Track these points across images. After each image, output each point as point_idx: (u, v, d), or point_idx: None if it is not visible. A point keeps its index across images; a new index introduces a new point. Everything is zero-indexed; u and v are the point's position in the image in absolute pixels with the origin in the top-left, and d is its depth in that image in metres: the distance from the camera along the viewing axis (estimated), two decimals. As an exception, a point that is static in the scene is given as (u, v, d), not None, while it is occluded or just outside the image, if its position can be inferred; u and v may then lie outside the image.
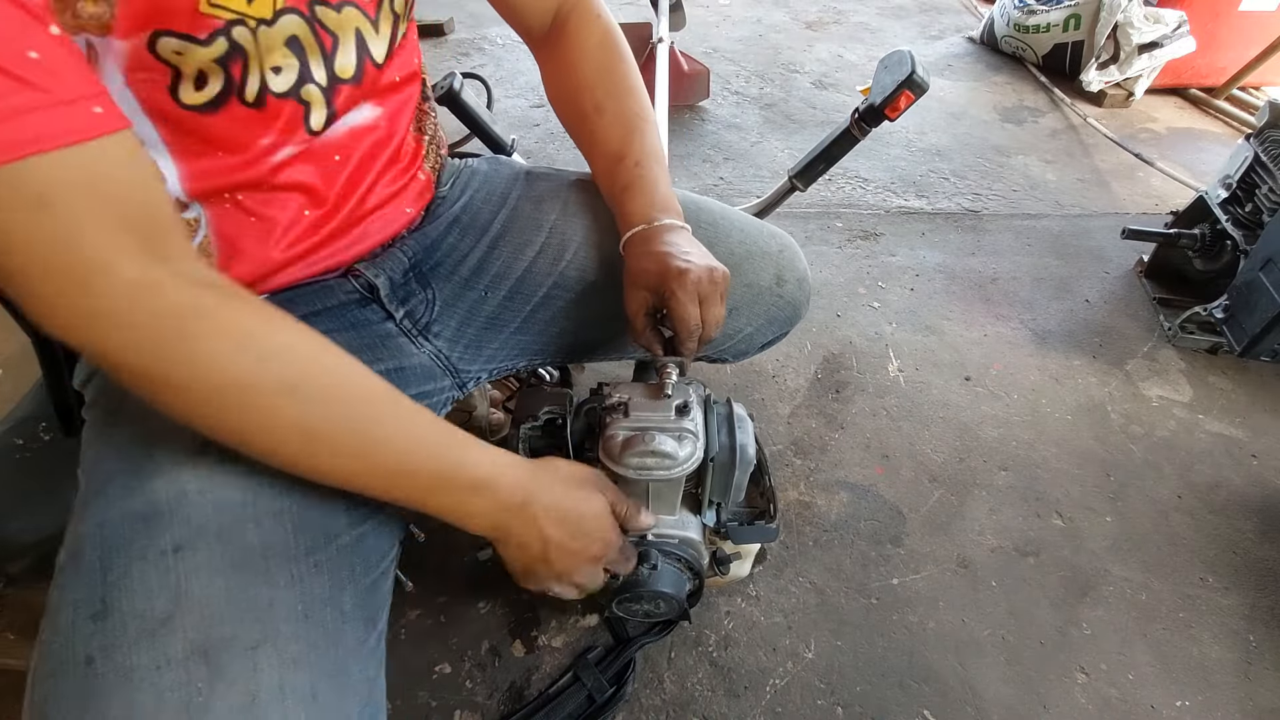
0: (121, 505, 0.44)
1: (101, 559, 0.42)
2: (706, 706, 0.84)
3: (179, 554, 0.42)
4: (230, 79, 0.45)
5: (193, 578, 0.42)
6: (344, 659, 0.45)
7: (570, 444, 0.65)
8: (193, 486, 0.45)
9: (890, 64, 0.92)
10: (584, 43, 0.66)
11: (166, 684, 0.38)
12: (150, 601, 0.40)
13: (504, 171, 0.74)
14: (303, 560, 0.45)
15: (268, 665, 0.41)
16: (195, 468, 0.45)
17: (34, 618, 0.80)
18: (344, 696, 0.44)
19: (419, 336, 0.64)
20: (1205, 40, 2.14)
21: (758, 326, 0.75)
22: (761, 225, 0.76)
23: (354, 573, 0.48)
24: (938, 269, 1.55)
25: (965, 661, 0.88)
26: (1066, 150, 2.01)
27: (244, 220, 0.51)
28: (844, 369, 1.30)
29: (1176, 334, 1.36)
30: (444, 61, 2.45)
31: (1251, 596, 0.97)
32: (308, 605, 0.44)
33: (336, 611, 0.45)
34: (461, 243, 0.68)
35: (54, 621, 0.42)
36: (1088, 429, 1.20)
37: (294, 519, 0.46)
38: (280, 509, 0.46)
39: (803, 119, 2.14)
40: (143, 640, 0.39)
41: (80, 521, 0.45)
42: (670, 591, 0.68)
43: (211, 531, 0.43)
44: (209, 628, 0.40)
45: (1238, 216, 1.30)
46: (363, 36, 0.52)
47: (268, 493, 0.46)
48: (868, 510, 1.06)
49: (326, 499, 0.48)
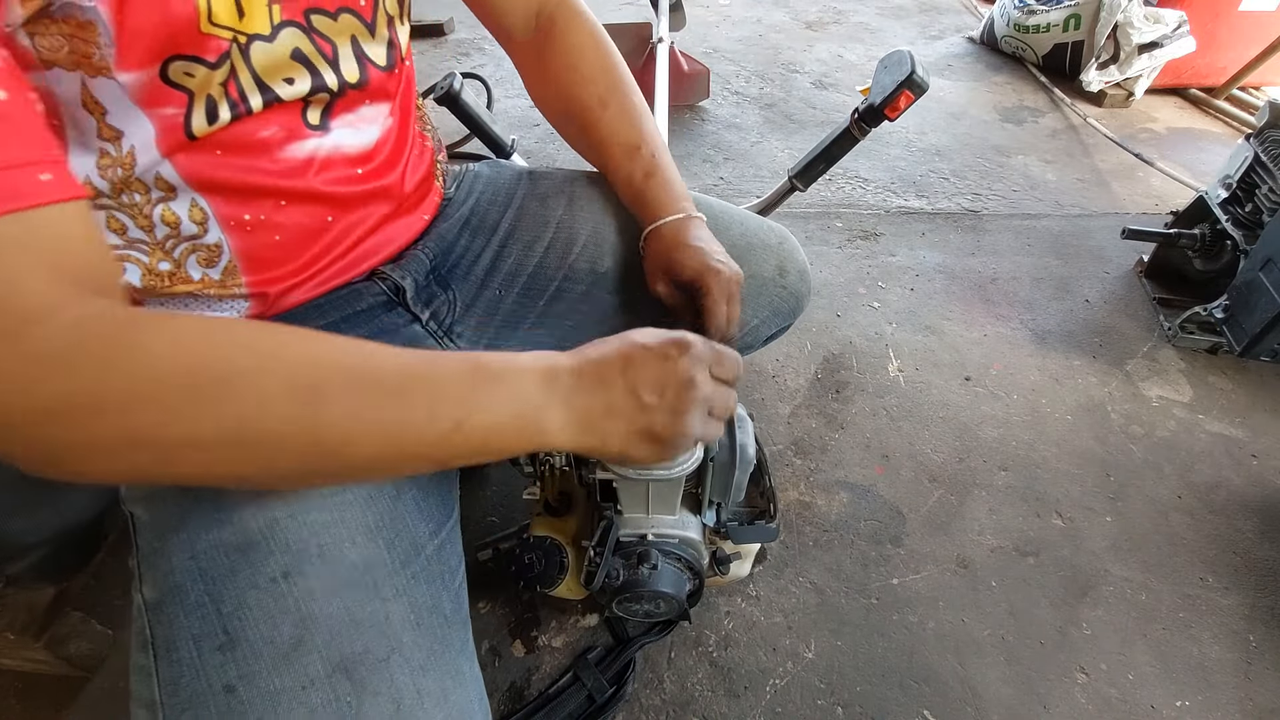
0: (210, 537, 0.44)
1: (209, 592, 0.43)
2: (706, 706, 0.84)
3: (289, 579, 0.43)
4: (234, 100, 0.45)
5: (310, 601, 0.43)
6: (456, 659, 0.47)
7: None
8: (282, 513, 0.45)
9: (890, 64, 0.92)
10: (578, 40, 0.66)
11: (316, 702, 0.40)
12: (276, 628, 0.42)
13: (506, 173, 0.75)
14: (401, 572, 0.47)
15: (401, 674, 0.43)
16: (278, 494, 0.46)
17: (34, 618, 0.81)
18: (466, 693, 0.46)
19: (444, 337, 0.64)
20: (1205, 40, 2.14)
21: (764, 318, 0.76)
22: (760, 219, 0.78)
23: (444, 579, 0.50)
24: (938, 269, 1.55)
25: (965, 661, 0.88)
26: (1066, 150, 2.01)
27: (267, 238, 0.51)
28: (844, 369, 1.30)
29: (1176, 334, 1.36)
30: (444, 61, 2.45)
31: (1251, 596, 0.97)
32: (417, 614, 0.46)
33: (440, 617, 0.48)
34: (474, 244, 0.69)
35: (172, 656, 0.42)
36: (1088, 429, 1.20)
37: (384, 534, 0.48)
38: (370, 525, 0.47)
39: (803, 119, 2.14)
40: (280, 664, 0.41)
41: (163, 557, 0.45)
42: (670, 591, 0.68)
43: (313, 554, 0.45)
44: (340, 646, 0.42)
45: (1238, 216, 1.30)
46: (359, 42, 0.51)
47: (353, 510, 0.47)
48: (868, 510, 1.06)
49: (407, 512, 0.50)
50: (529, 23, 0.68)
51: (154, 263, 0.48)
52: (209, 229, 0.48)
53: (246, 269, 0.51)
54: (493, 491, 1.06)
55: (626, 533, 0.69)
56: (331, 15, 0.48)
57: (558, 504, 0.79)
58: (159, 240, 0.47)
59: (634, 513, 0.69)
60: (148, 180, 0.45)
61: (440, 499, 0.55)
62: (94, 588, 0.92)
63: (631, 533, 0.69)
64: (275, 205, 0.50)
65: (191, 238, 0.48)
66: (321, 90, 0.49)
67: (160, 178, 0.45)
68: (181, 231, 0.47)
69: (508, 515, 1.02)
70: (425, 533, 0.51)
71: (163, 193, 0.46)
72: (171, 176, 0.45)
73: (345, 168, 0.54)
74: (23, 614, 0.80)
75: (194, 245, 0.48)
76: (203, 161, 0.46)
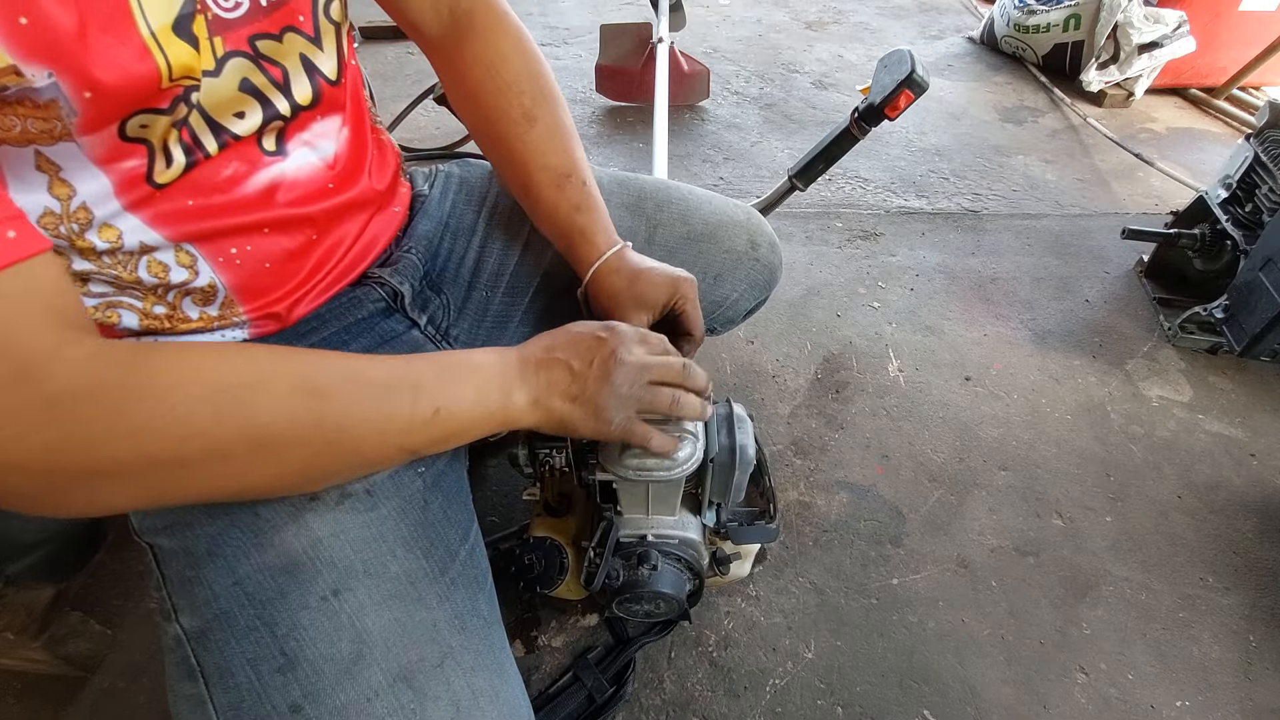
0: (251, 561, 0.45)
1: (260, 616, 0.43)
2: (706, 706, 0.84)
3: (339, 597, 0.45)
4: (187, 144, 0.43)
5: (363, 615, 0.44)
6: (499, 657, 0.50)
7: (570, 445, 0.65)
8: (323, 531, 0.46)
9: (890, 63, 0.92)
10: (499, 43, 0.60)
11: (382, 712, 0.42)
12: (334, 645, 0.43)
13: (477, 172, 0.75)
14: (441, 579, 0.49)
15: (456, 677, 0.45)
16: (316, 514, 0.47)
17: (34, 618, 0.81)
18: (512, 689, 0.49)
19: (442, 341, 0.64)
20: (1205, 40, 2.14)
21: (741, 292, 0.78)
22: (723, 198, 0.80)
23: (478, 582, 0.52)
24: (938, 269, 1.55)
25: (965, 661, 0.88)
26: (1066, 150, 2.01)
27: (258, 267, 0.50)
28: (844, 369, 1.30)
29: (1176, 334, 1.36)
30: (444, 61, 2.45)
31: (1251, 596, 0.97)
32: (460, 619, 0.48)
33: (480, 619, 0.50)
34: (455, 246, 0.69)
35: (228, 682, 0.43)
36: (1088, 429, 1.20)
37: (420, 544, 0.49)
38: (406, 537, 0.49)
39: (803, 119, 2.14)
40: (343, 680, 0.42)
41: (201, 585, 0.45)
42: (670, 592, 0.68)
43: (359, 570, 0.46)
44: (397, 656, 0.44)
45: (1238, 216, 1.30)
46: (309, 59, 0.49)
47: (389, 524, 0.49)
48: (868, 510, 1.06)
49: (436, 521, 0.51)
50: (441, 16, 0.59)
51: (148, 307, 0.47)
52: (199, 271, 0.47)
53: (243, 299, 0.51)
54: (493, 491, 1.05)
55: (626, 533, 0.69)
56: (276, 37, 0.46)
57: (557, 505, 0.79)
58: (149, 287, 0.46)
59: (634, 513, 0.69)
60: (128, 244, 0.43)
61: (462, 505, 0.56)
62: (94, 588, 0.92)
63: (631, 533, 0.69)
64: (259, 235, 0.49)
65: (183, 284, 0.47)
66: (275, 119, 0.47)
67: (143, 244, 0.43)
68: (171, 279, 0.46)
69: (508, 515, 1.02)
70: (456, 539, 0.52)
71: (144, 254, 0.44)
72: (149, 236, 0.43)
73: (314, 185, 0.52)
74: (22, 614, 0.80)
75: (185, 289, 0.47)
76: (176, 212, 0.44)
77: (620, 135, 2.00)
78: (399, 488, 0.51)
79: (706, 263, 0.75)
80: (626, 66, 2.00)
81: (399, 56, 2.46)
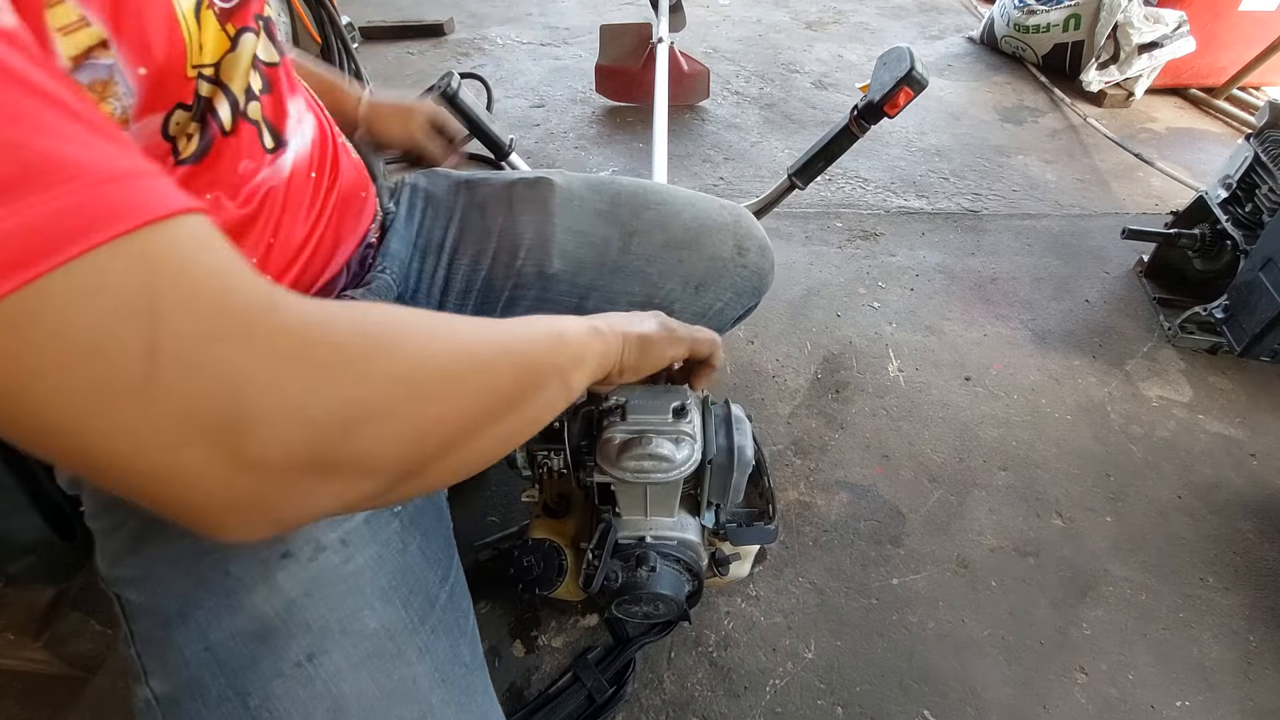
0: (223, 626, 0.43)
1: (232, 686, 0.42)
2: (706, 706, 0.84)
3: (314, 661, 0.43)
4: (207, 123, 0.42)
5: (340, 680, 0.43)
6: (483, 704, 0.49)
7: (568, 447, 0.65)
8: (296, 591, 0.44)
9: (889, 61, 0.92)
10: None
11: None
12: (309, 716, 0.41)
13: (443, 184, 0.74)
14: (421, 629, 0.47)
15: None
16: (288, 572, 0.44)
17: (34, 618, 0.81)
18: None
19: None
20: (1205, 40, 2.14)
21: (727, 301, 0.75)
22: (711, 198, 0.76)
23: (459, 625, 0.51)
24: (938, 269, 1.55)
25: (965, 661, 0.88)
26: (1066, 150, 2.01)
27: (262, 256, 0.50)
28: (844, 369, 1.30)
29: (1176, 334, 1.36)
30: (444, 61, 2.45)
31: (1251, 596, 0.97)
32: (442, 671, 0.47)
33: (462, 666, 0.49)
34: (425, 264, 0.69)
35: None
36: (1087, 429, 1.20)
37: (399, 593, 0.47)
38: (384, 587, 0.47)
39: (803, 119, 2.14)
40: None
41: (172, 649, 0.43)
42: (669, 593, 0.68)
43: (335, 630, 0.44)
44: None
45: (1238, 216, 1.30)
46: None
47: (366, 576, 0.47)
48: (868, 510, 1.06)
49: (415, 564, 0.49)
50: None
51: None
52: None
53: None
54: (492, 491, 1.06)
55: (625, 535, 0.69)
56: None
57: (556, 506, 0.79)
58: None
59: (632, 515, 0.69)
60: None
61: (442, 541, 0.54)
62: (94, 588, 0.92)
63: (630, 535, 0.69)
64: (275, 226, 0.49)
65: None
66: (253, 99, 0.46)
67: None
68: None
69: (507, 515, 1.02)
70: (435, 581, 0.51)
71: None
72: None
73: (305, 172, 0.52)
74: (22, 614, 0.80)
75: None
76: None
77: (620, 135, 2.00)
78: (375, 531, 0.48)
79: (688, 271, 0.72)
80: (626, 66, 2.00)
81: (399, 57, 2.47)
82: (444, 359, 0.34)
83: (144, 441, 0.25)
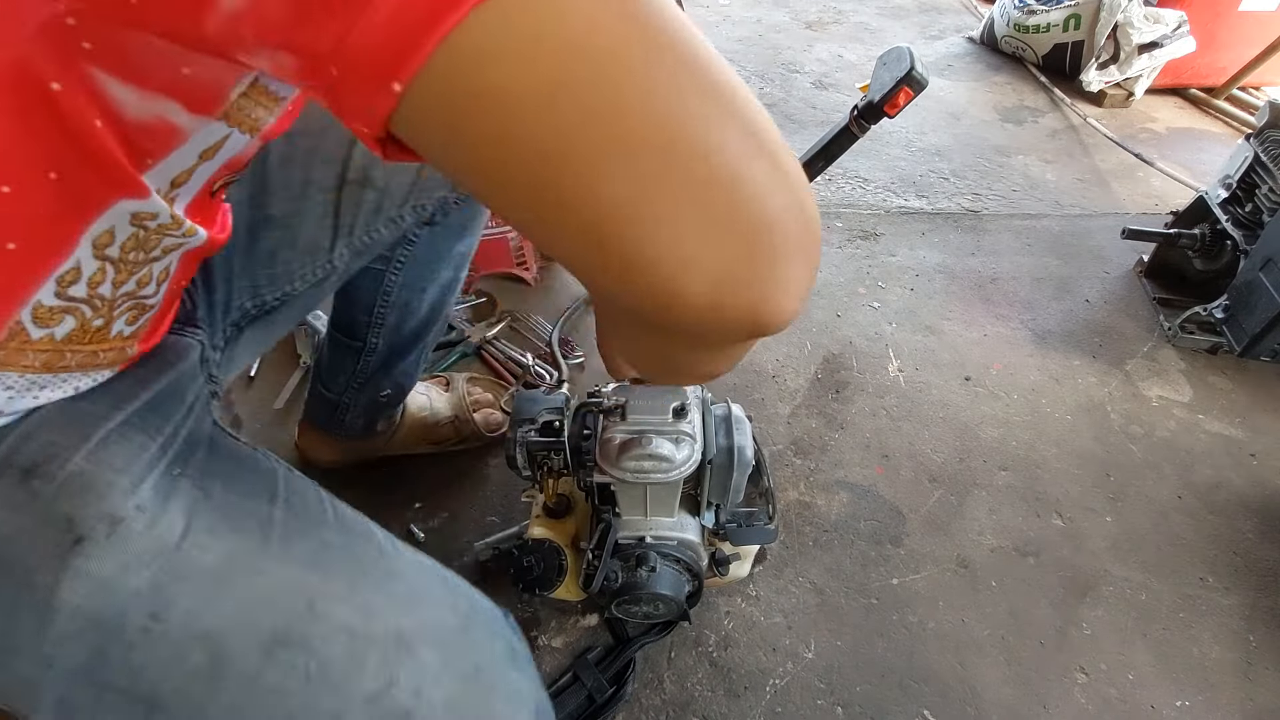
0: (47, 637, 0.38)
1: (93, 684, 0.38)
2: (706, 706, 0.84)
3: (160, 617, 0.39)
4: None
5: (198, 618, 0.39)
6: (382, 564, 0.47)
7: (568, 447, 0.65)
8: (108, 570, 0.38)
9: (889, 60, 0.92)
10: None
11: (272, 682, 0.39)
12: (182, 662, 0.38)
13: None
14: (269, 543, 0.43)
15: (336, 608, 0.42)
16: (85, 556, 0.38)
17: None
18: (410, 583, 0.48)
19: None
20: (1205, 40, 2.14)
21: None
22: None
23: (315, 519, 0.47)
24: (938, 269, 1.55)
25: (965, 661, 0.88)
26: (1066, 150, 2.01)
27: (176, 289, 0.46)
28: (844, 369, 1.30)
29: (1176, 334, 1.36)
30: (444, 62, 2.45)
31: (1251, 596, 0.97)
32: (313, 558, 0.44)
33: (333, 549, 0.46)
34: None
35: None
36: (1088, 429, 1.20)
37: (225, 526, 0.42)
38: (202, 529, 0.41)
39: (803, 119, 2.14)
40: (213, 686, 0.38)
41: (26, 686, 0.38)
42: (669, 593, 0.68)
43: (167, 581, 0.39)
44: (258, 628, 0.40)
45: (1238, 216, 1.30)
46: None
47: (178, 526, 0.41)
48: (868, 510, 1.06)
49: (229, 501, 0.44)
50: None
51: (91, 318, 0.39)
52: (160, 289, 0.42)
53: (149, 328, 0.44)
54: (492, 491, 1.05)
55: (625, 535, 0.69)
56: None
57: (556, 506, 0.79)
58: (113, 299, 0.39)
59: (632, 515, 0.69)
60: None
61: (251, 479, 0.47)
62: None
63: (630, 535, 0.69)
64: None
65: (142, 298, 0.41)
66: None
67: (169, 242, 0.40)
68: (141, 292, 0.41)
69: (508, 515, 1.02)
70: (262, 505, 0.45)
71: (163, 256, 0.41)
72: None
73: None
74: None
75: (139, 303, 0.41)
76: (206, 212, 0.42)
77: (620, 135, 2.00)
78: (170, 491, 0.41)
79: None
80: (626, 67, 1.99)
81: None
82: None
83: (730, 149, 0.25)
